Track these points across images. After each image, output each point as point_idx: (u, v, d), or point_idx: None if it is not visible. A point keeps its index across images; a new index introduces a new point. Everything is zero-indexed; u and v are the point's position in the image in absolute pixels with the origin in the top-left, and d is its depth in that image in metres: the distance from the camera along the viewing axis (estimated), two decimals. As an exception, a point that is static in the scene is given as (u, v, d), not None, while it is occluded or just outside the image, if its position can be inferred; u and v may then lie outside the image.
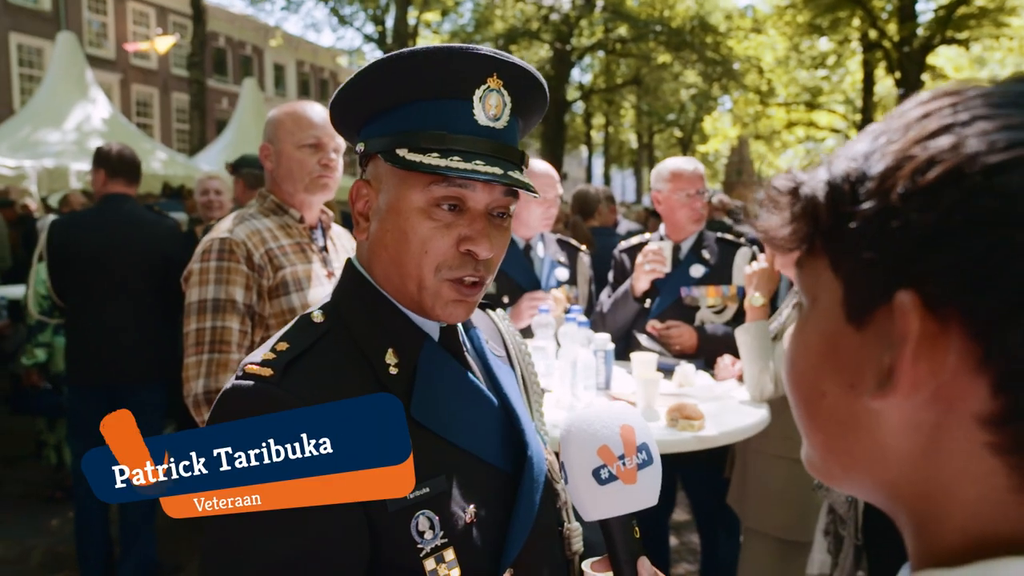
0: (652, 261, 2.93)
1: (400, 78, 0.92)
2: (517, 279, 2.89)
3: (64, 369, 4.14)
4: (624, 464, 0.86)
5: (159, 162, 11.00)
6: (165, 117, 25.12)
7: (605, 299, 3.20)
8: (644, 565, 0.86)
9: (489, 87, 0.92)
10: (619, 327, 3.02)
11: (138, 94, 24.18)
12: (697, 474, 2.94)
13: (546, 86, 1.00)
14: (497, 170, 0.90)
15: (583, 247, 3.26)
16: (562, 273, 3.04)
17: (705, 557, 3.06)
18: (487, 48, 0.92)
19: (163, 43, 16.63)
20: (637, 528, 0.88)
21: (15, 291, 5.61)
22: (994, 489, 0.43)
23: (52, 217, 5.33)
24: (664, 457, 2.27)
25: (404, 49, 0.93)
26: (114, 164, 3.50)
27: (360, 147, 0.99)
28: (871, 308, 0.46)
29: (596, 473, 0.85)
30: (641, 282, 2.98)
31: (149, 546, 3.48)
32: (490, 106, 0.93)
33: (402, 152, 0.91)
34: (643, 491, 0.86)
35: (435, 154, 0.90)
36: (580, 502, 0.88)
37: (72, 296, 3.53)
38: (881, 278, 0.45)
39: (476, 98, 0.92)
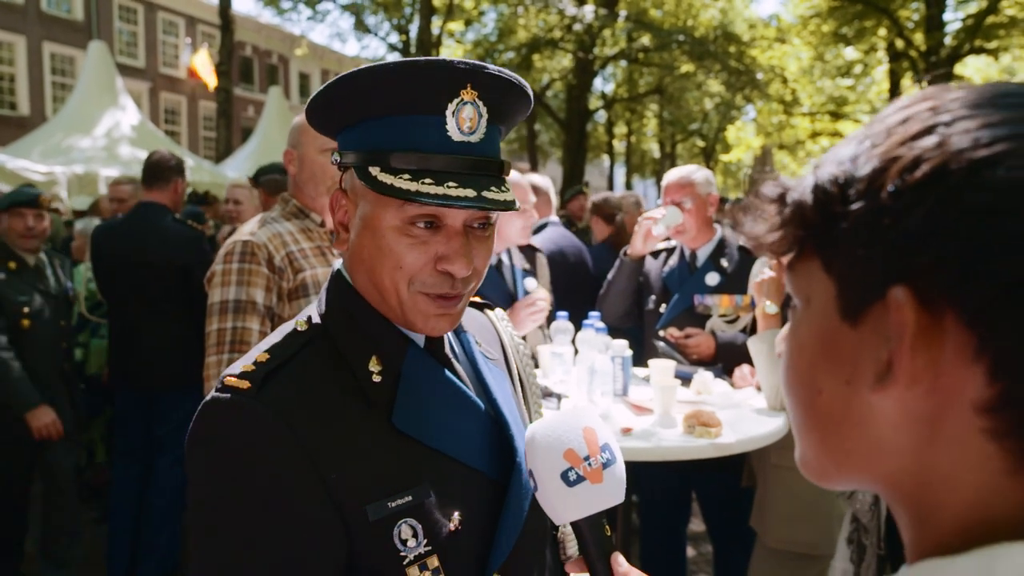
0: (648, 219, 3.00)
1: (371, 92, 0.90)
2: (491, 296, 2.85)
3: (96, 370, 4.28)
4: (590, 464, 0.87)
5: (186, 169, 11.14)
6: (192, 125, 25.51)
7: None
8: (617, 560, 0.86)
9: (463, 100, 0.89)
10: (617, 295, 3.06)
11: (166, 102, 24.59)
12: (712, 483, 2.91)
13: (528, 88, 0.96)
14: (470, 192, 0.87)
15: (539, 247, 3.25)
16: (530, 283, 3.01)
17: (719, 568, 3.03)
18: (460, 59, 0.88)
19: (201, 65, 16.86)
20: (608, 527, 0.89)
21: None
22: (992, 474, 0.44)
23: (86, 221, 5.49)
24: (680, 465, 2.27)
25: (374, 64, 0.90)
26: (143, 172, 3.62)
27: (336, 157, 0.98)
28: (865, 305, 0.47)
29: (564, 476, 0.87)
30: (637, 240, 3.03)
31: (172, 546, 3.53)
32: (464, 120, 0.89)
33: (374, 171, 0.89)
34: (609, 489, 0.88)
35: (406, 176, 0.87)
36: (551, 507, 0.89)
37: (109, 301, 3.68)
38: (874, 275, 0.46)
39: (449, 113, 0.89)
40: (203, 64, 16.52)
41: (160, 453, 3.55)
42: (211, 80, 16.99)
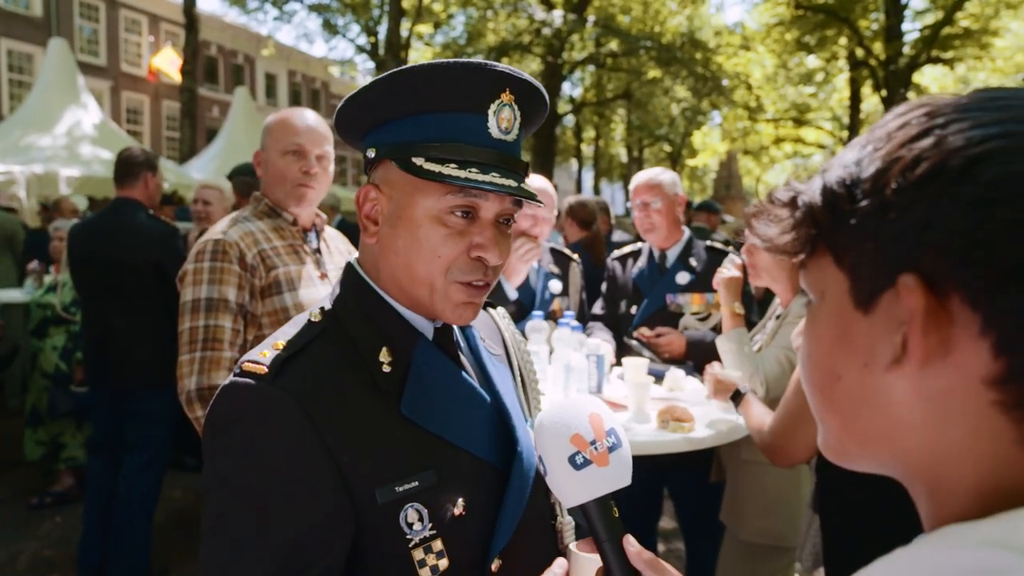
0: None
1: (419, 89, 0.94)
2: (519, 294, 2.93)
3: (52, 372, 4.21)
4: (596, 448, 0.90)
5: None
6: (155, 124, 25.04)
7: (599, 310, 3.24)
8: (629, 541, 0.88)
9: (503, 102, 0.95)
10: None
11: (129, 101, 24.11)
12: (684, 479, 2.95)
13: (547, 99, 1.03)
14: (512, 182, 0.94)
15: (575, 256, 3.27)
16: (555, 285, 3.05)
17: (690, 562, 3.07)
18: (502, 65, 0.94)
19: (164, 62, 16.58)
20: (616, 509, 0.91)
21: (9, 295, 5.68)
22: (1003, 444, 0.47)
23: (62, 221, 5.42)
24: (652, 460, 2.30)
25: (424, 62, 0.95)
26: (115, 169, 3.56)
27: (370, 152, 1.01)
28: (877, 293, 0.50)
29: (572, 460, 0.89)
30: None
31: (143, 549, 3.46)
32: (503, 120, 0.96)
33: (419, 161, 0.93)
34: (616, 472, 0.91)
35: (453, 165, 0.92)
36: (560, 490, 0.92)
37: (83, 297, 3.67)
38: (884, 265, 0.49)
39: (491, 112, 0.95)
40: (167, 62, 16.22)
41: (130, 454, 3.47)
42: (175, 75, 16.69)
